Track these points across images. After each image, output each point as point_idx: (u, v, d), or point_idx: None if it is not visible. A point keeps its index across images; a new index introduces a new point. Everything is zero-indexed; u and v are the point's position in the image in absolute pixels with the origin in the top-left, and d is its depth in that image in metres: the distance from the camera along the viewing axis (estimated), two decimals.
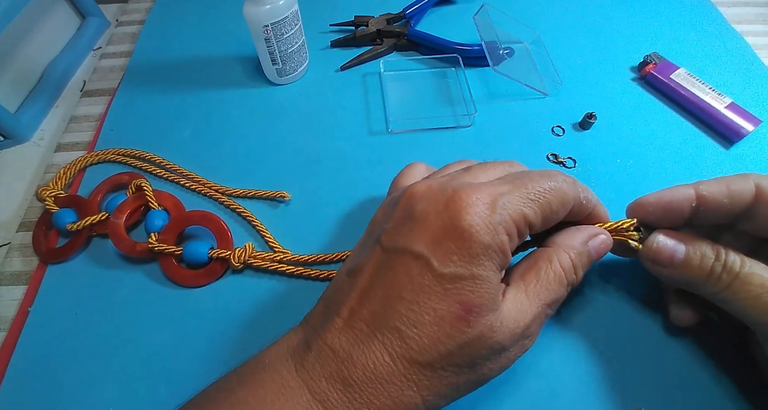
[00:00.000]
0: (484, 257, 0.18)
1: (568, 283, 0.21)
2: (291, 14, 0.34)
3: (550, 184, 0.20)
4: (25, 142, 0.39)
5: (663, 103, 0.37)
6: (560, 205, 0.20)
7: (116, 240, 0.29)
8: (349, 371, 0.18)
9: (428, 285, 0.18)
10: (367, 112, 0.38)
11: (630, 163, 0.34)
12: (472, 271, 0.18)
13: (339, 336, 0.19)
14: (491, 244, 0.18)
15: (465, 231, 0.18)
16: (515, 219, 0.19)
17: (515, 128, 0.36)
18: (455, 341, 0.18)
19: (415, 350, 0.18)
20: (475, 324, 0.18)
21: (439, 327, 0.18)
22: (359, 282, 0.20)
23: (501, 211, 0.18)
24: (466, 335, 0.18)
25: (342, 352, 0.18)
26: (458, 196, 0.19)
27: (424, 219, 0.19)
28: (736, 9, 0.46)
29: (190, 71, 0.41)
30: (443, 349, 0.18)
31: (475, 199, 0.18)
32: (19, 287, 0.29)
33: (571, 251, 0.21)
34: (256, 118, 0.37)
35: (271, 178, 0.33)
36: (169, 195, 0.32)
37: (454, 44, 0.39)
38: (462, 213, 0.18)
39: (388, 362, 0.18)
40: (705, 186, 0.22)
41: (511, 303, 0.19)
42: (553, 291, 0.20)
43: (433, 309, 0.18)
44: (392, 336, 0.18)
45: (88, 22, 0.47)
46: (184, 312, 0.28)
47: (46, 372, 0.26)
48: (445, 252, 0.18)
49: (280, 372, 0.19)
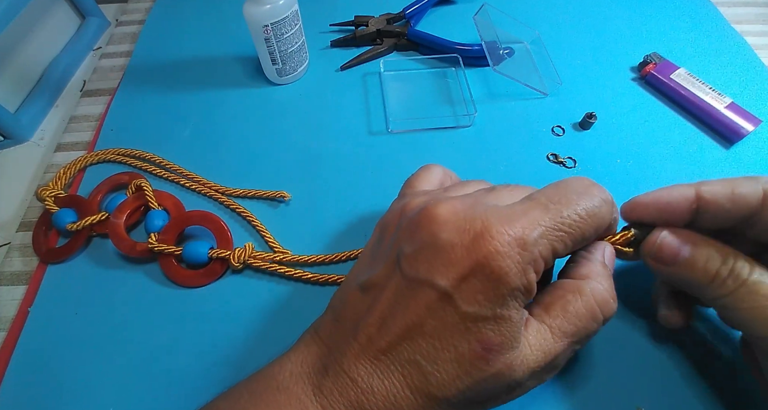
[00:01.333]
0: (510, 298, 0.17)
1: (603, 318, 0.19)
2: (291, 14, 0.34)
3: (589, 205, 0.19)
4: (25, 142, 0.39)
5: (663, 103, 0.37)
6: (594, 232, 0.19)
7: (116, 240, 0.29)
8: (369, 401, 0.18)
9: (451, 322, 0.17)
10: (367, 112, 0.38)
11: (630, 163, 0.34)
12: (496, 312, 0.17)
13: (357, 364, 0.18)
14: (519, 286, 0.17)
15: (494, 273, 0.17)
16: (545, 255, 0.18)
17: (515, 128, 0.36)
18: (473, 378, 0.17)
19: (434, 385, 0.18)
20: (494, 362, 0.17)
21: (458, 364, 0.17)
22: (377, 306, 0.19)
23: (532, 249, 0.17)
24: (485, 373, 0.17)
25: (362, 382, 0.18)
26: (488, 230, 0.17)
27: (449, 251, 0.18)
28: (736, 9, 0.46)
29: (190, 71, 0.41)
30: (462, 386, 0.18)
31: (507, 238, 0.17)
32: (19, 287, 0.30)
33: (604, 280, 0.20)
34: (256, 118, 0.37)
35: (271, 178, 0.33)
36: (169, 195, 0.32)
37: (454, 44, 0.39)
38: (492, 254, 0.17)
39: (408, 395, 0.18)
40: (707, 187, 0.20)
41: (534, 339, 0.18)
42: (582, 328, 0.19)
43: (454, 346, 0.17)
44: (412, 370, 0.18)
45: (88, 22, 0.47)
46: (184, 312, 0.28)
47: (46, 372, 0.26)
48: (470, 290, 0.17)
49: (297, 395, 0.19)
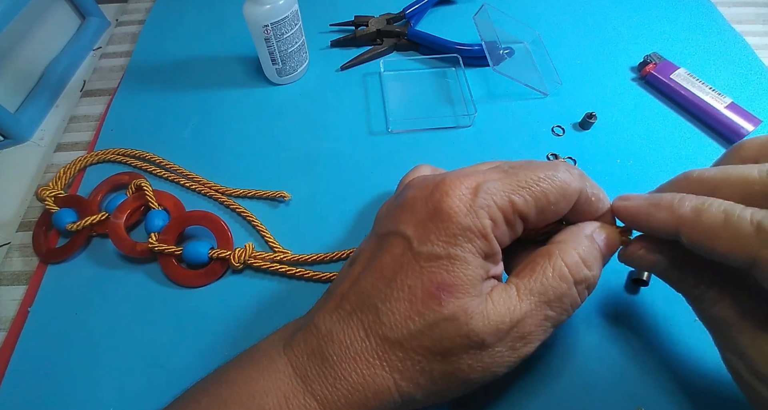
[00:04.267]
0: (462, 238, 0.18)
1: (575, 281, 0.19)
2: (291, 14, 0.34)
3: (547, 172, 0.19)
4: (25, 142, 0.39)
5: (663, 103, 0.37)
6: (559, 196, 0.19)
7: (116, 241, 0.29)
8: (328, 346, 0.19)
9: (407, 263, 0.18)
10: (367, 112, 0.38)
11: (630, 163, 0.34)
12: (449, 251, 0.18)
13: (326, 316, 0.20)
14: (470, 226, 0.18)
15: (444, 212, 0.18)
16: (501, 204, 0.18)
17: (515, 128, 0.36)
18: (425, 319, 0.18)
19: (386, 326, 0.18)
20: (446, 303, 0.18)
21: (411, 304, 0.18)
22: (354, 268, 0.20)
23: (484, 195, 0.18)
24: (437, 314, 0.18)
25: (324, 329, 0.19)
26: (444, 181, 0.19)
27: (412, 204, 0.20)
28: (736, 9, 0.46)
29: (190, 71, 0.41)
30: (413, 328, 0.18)
31: (459, 184, 0.19)
32: (19, 287, 0.29)
33: (579, 246, 0.19)
34: (256, 118, 0.37)
35: (271, 178, 0.33)
36: (169, 195, 0.32)
37: (454, 44, 0.39)
38: (444, 196, 0.19)
39: (362, 337, 0.18)
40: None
41: (498, 296, 0.19)
42: (549, 287, 0.19)
43: (408, 286, 0.18)
44: (370, 313, 0.19)
45: (88, 22, 0.47)
46: (184, 312, 0.28)
47: (46, 372, 0.26)
48: (425, 232, 0.18)
49: (269, 352, 0.20)
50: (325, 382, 0.18)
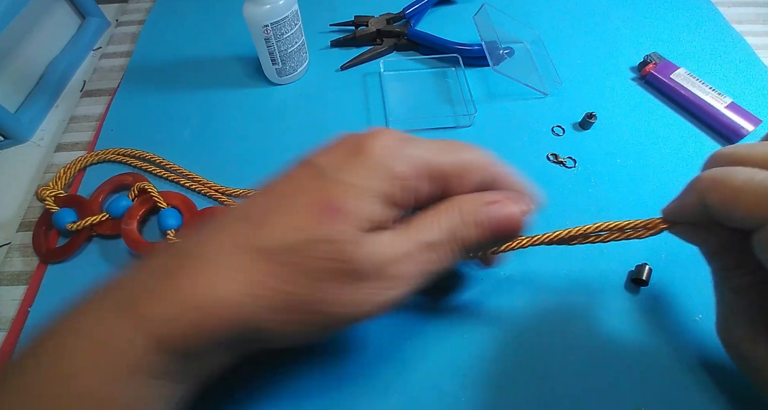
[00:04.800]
0: (373, 174, 0.18)
1: (448, 230, 0.19)
2: (291, 14, 0.34)
3: (470, 147, 0.21)
4: (25, 142, 0.39)
5: (663, 102, 0.37)
6: (467, 152, 0.21)
7: (134, 245, 0.29)
8: (174, 260, 0.18)
9: (308, 185, 0.18)
10: (367, 111, 0.38)
11: (630, 162, 0.34)
12: (354, 180, 0.18)
13: (195, 233, 0.19)
14: (387, 166, 0.18)
15: (366, 150, 0.19)
16: (424, 158, 0.19)
17: (515, 128, 0.36)
18: (305, 233, 0.17)
19: (262, 238, 0.17)
20: (329, 223, 0.17)
21: (295, 217, 0.18)
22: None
23: (411, 146, 0.19)
24: (317, 231, 0.17)
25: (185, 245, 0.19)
26: (376, 130, 0.20)
27: (335, 144, 0.20)
28: (736, 9, 0.47)
29: (190, 71, 0.41)
30: (290, 239, 0.17)
31: (389, 133, 0.20)
32: (19, 287, 0.29)
33: (464, 204, 0.20)
34: (256, 118, 0.37)
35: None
36: (175, 193, 0.32)
37: (454, 44, 0.39)
38: (370, 139, 0.19)
39: (229, 246, 0.17)
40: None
41: (384, 236, 0.18)
42: (428, 230, 0.19)
43: (300, 202, 0.18)
44: (248, 224, 0.18)
45: (88, 22, 0.47)
46: None
47: None
48: (338, 163, 0.19)
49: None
50: (158, 299, 0.17)
